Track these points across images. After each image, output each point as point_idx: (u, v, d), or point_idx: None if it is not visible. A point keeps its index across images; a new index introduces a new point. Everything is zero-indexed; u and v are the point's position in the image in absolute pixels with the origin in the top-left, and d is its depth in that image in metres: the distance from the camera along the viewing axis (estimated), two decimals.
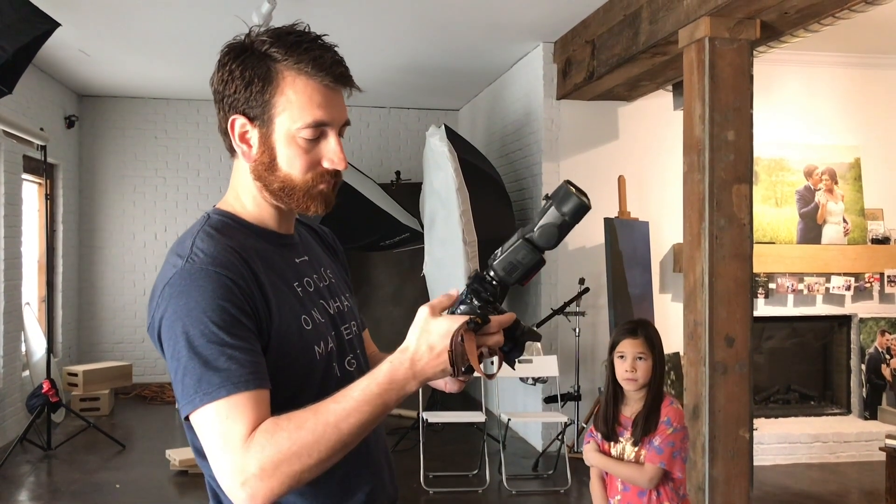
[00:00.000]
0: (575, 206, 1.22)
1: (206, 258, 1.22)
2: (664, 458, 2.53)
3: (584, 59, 5.34)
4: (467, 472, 5.17)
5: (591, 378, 5.82)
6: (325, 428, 1.12)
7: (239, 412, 1.13)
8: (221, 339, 1.15)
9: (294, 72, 1.26)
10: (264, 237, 1.34)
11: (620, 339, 2.65)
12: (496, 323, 1.18)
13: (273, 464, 1.10)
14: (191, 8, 5.19)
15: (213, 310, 1.17)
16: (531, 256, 1.23)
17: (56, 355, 7.05)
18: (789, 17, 3.79)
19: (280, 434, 1.11)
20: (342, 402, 1.14)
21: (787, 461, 5.57)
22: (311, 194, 1.29)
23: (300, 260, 1.39)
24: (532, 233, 1.23)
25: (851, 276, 5.93)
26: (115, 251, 8.09)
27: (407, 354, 1.16)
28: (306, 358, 1.28)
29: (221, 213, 1.35)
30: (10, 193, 6.04)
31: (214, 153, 8.19)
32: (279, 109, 1.26)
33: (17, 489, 5.04)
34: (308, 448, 1.11)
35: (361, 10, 5.15)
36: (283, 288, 1.29)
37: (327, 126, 1.28)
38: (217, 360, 1.15)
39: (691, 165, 3.95)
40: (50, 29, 3.43)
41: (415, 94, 7.81)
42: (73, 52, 6.22)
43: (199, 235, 1.27)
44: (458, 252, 5.43)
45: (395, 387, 1.15)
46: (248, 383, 1.14)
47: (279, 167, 1.28)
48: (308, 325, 1.30)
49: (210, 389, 1.14)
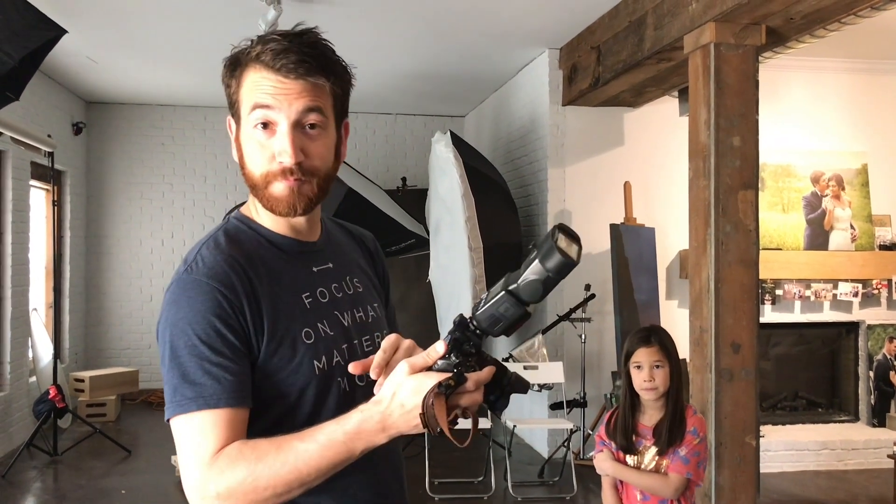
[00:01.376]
0: (558, 264, 1.13)
1: (204, 268, 1.22)
2: (690, 468, 2.48)
3: (590, 66, 5.34)
4: (473, 478, 5.15)
5: (596, 385, 5.81)
6: (283, 467, 1.12)
7: (208, 429, 1.15)
8: (202, 353, 1.17)
9: (252, 63, 1.25)
10: (277, 245, 1.32)
11: (635, 349, 2.58)
12: (473, 381, 1.13)
13: (229, 491, 1.12)
14: (197, 15, 5.21)
15: (199, 323, 1.18)
16: (514, 310, 1.15)
17: (63, 361, 7.07)
18: (795, 22, 3.78)
19: (240, 464, 1.12)
20: (306, 442, 1.13)
21: (795, 468, 5.53)
22: (272, 194, 1.26)
23: (319, 268, 1.35)
24: (516, 285, 1.15)
25: (859, 282, 5.90)
26: (122, 257, 8.12)
27: (379, 408, 1.12)
28: (302, 372, 1.25)
29: (240, 217, 1.35)
30: (17, 200, 6.07)
31: (221, 159, 8.21)
32: (241, 104, 1.26)
33: (23, 495, 5.04)
34: (263, 483, 1.11)
35: (367, 16, 5.16)
36: (286, 300, 1.27)
37: (271, 113, 1.23)
38: (194, 374, 1.16)
39: (697, 171, 3.94)
40: (57, 36, 3.45)
41: (421, 100, 7.82)
42: (80, 59, 6.25)
43: (208, 243, 1.28)
44: (464, 258, 5.42)
45: (362, 437, 1.12)
46: (221, 401, 1.15)
47: (245, 165, 1.28)
48: (309, 339, 1.27)
49: (183, 402, 1.16)
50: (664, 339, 2.61)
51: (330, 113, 1.28)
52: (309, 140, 1.25)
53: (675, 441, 2.50)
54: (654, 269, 5.86)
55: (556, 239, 1.14)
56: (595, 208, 5.91)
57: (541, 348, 5.46)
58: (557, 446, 5.49)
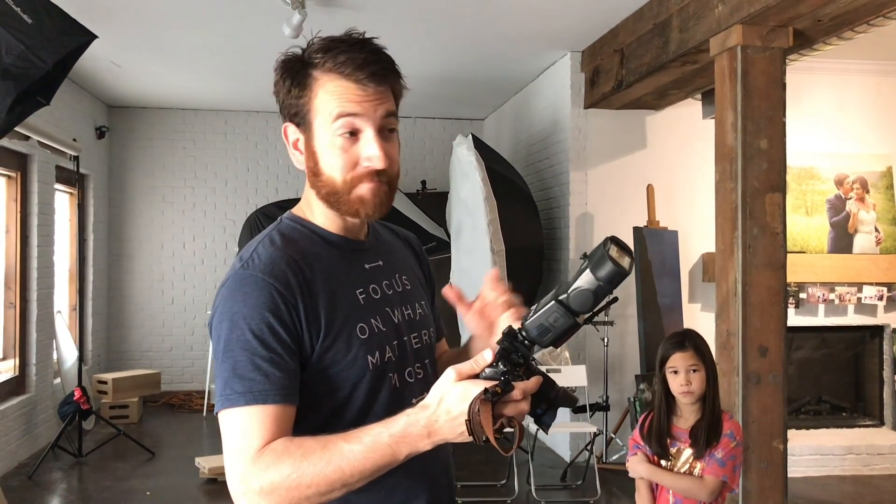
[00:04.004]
0: (610, 273, 1.13)
1: (260, 265, 1.25)
2: (726, 471, 2.49)
3: (613, 68, 5.33)
4: (495, 482, 5.15)
5: (619, 388, 5.79)
6: (328, 466, 1.13)
7: (255, 424, 1.17)
8: (254, 348, 1.19)
9: (327, 73, 1.28)
10: (332, 243, 1.35)
11: (670, 354, 2.59)
12: (520, 391, 1.12)
13: (272, 486, 1.14)
14: (221, 20, 5.24)
15: (253, 318, 1.20)
16: (564, 320, 1.15)
17: (86, 363, 7.12)
18: (823, 24, 3.76)
19: (285, 460, 1.14)
20: (352, 442, 1.14)
21: (820, 473, 5.49)
22: (355, 197, 1.28)
23: (371, 266, 1.38)
24: (566, 295, 1.15)
25: (884, 285, 5.85)
26: (143, 260, 8.17)
27: (425, 413, 1.13)
28: (356, 367, 1.27)
29: (293, 217, 1.37)
30: (43, 203, 6.13)
31: (242, 163, 8.25)
32: (315, 113, 1.28)
33: (49, 495, 5.09)
34: (307, 481, 1.13)
35: (388, 20, 5.18)
36: (342, 296, 1.30)
37: (358, 121, 1.26)
38: (244, 369, 1.18)
39: (723, 174, 3.93)
40: (88, 41, 3.47)
41: (440, 103, 7.83)
42: (104, 63, 6.30)
43: (264, 241, 1.31)
44: (486, 261, 5.42)
45: (407, 441, 1.13)
46: (269, 397, 1.18)
47: (322, 172, 1.30)
48: (364, 334, 1.29)
49: (232, 396, 1.18)
50: (699, 342, 2.61)
51: (397, 119, 1.34)
52: (389, 145, 1.30)
53: (711, 443, 2.50)
54: (677, 273, 5.84)
55: (609, 249, 1.14)
56: (617, 211, 5.89)
57: (563, 351, 5.45)
58: (580, 450, 5.48)
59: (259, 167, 8.29)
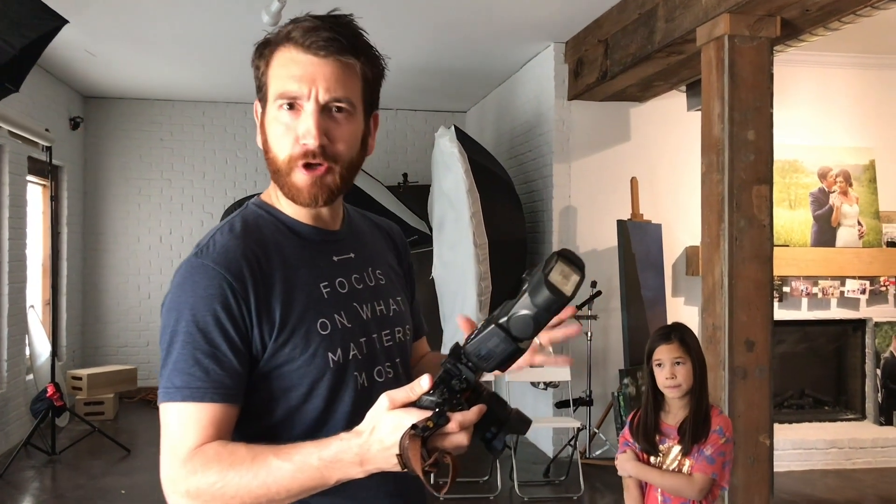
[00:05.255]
0: (547, 301, 1.03)
1: (214, 253, 1.20)
2: (716, 468, 2.43)
3: (597, 59, 5.27)
4: (478, 478, 5.09)
5: (603, 383, 5.74)
6: (254, 480, 1.08)
7: (190, 423, 1.13)
8: (197, 341, 1.15)
9: (283, 41, 1.22)
10: (297, 233, 1.28)
11: (655, 346, 2.53)
12: (456, 423, 1.03)
13: (198, 492, 1.11)
14: (197, 9, 5.13)
15: (200, 310, 1.16)
16: (504, 346, 1.05)
17: (60, 359, 6.98)
18: (811, 14, 3.72)
19: (213, 467, 1.10)
20: (281, 459, 1.08)
21: (803, 468, 5.48)
22: (291, 183, 1.22)
23: (340, 258, 1.31)
24: (507, 318, 1.05)
25: (866, 279, 5.85)
26: (119, 254, 8.02)
27: (357, 440, 1.06)
28: (315, 364, 1.21)
29: (259, 203, 1.31)
30: (14, 195, 5.98)
31: (220, 155, 8.12)
32: (269, 85, 1.23)
33: (21, 495, 4.96)
34: (231, 492, 1.09)
35: (369, 9, 5.08)
36: (302, 289, 1.23)
37: (296, 90, 1.19)
38: (185, 363, 1.15)
39: (710, 166, 3.88)
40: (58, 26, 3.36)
41: (422, 95, 7.74)
42: (78, 52, 6.16)
43: (223, 228, 1.25)
44: (468, 255, 5.35)
45: (337, 467, 1.07)
46: (206, 394, 1.14)
47: (270, 148, 1.23)
48: (325, 330, 1.22)
49: (171, 390, 1.15)
50: (685, 335, 2.55)
51: (359, 99, 1.24)
52: (335, 124, 1.21)
53: (699, 439, 2.44)
54: (661, 266, 5.80)
55: (549, 271, 1.04)
56: (601, 204, 5.84)
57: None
58: (563, 445, 5.43)
59: (238, 159, 8.16)
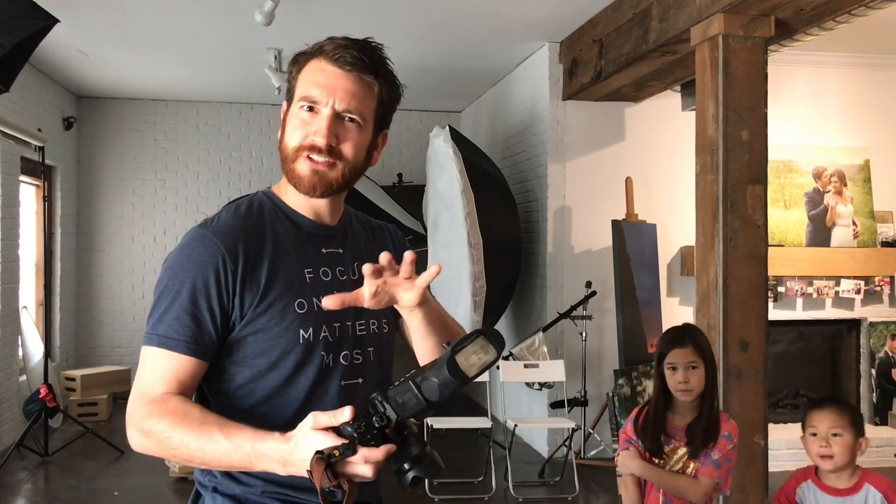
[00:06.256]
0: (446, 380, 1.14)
1: (215, 227, 1.38)
2: (722, 473, 2.42)
3: (591, 59, 5.26)
4: (473, 478, 5.07)
5: (597, 383, 5.73)
6: (194, 442, 1.26)
7: (163, 369, 1.32)
8: (183, 300, 1.32)
9: (315, 55, 1.41)
10: (295, 222, 1.44)
11: (668, 350, 2.50)
12: (362, 457, 1.15)
13: (149, 432, 1.29)
14: (191, 8, 5.10)
15: (191, 272, 1.33)
16: (416, 402, 1.16)
17: (53, 360, 6.95)
18: (805, 13, 3.71)
19: (167, 418, 1.27)
20: (223, 432, 1.25)
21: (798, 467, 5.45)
22: (295, 171, 1.38)
23: (329, 251, 1.46)
24: (421, 377, 1.16)
25: (861, 279, 5.85)
26: (113, 254, 7.99)
27: (285, 446, 1.21)
28: (286, 337, 1.36)
29: (268, 192, 1.48)
30: (7, 195, 5.95)
31: (214, 155, 8.10)
32: (296, 88, 1.41)
33: (13, 496, 4.94)
34: (174, 444, 1.27)
35: (363, 9, 5.07)
36: (287, 270, 1.39)
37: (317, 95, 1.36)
38: (169, 316, 1.32)
39: (704, 166, 3.87)
40: (48, 25, 3.34)
41: (416, 95, 7.72)
42: (71, 52, 6.13)
43: (230, 207, 1.45)
44: (463, 255, 5.34)
45: (264, 461, 1.23)
46: (180, 346, 1.32)
47: (283, 138, 1.41)
48: (302, 309, 1.38)
49: (153, 336, 1.33)
50: (698, 338, 2.53)
51: (371, 115, 1.41)
52: (344, 130, 1.38)
53: (708, 443, 2.42)
54: (656, 266, 5.79)
55: (459, 350, 1.14)
56: (596, 204, 5.83)
57: (541, 346, 5.38)
58: (558, 446, 5.42)
59: (232, 159, 8.14)
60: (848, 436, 2.32)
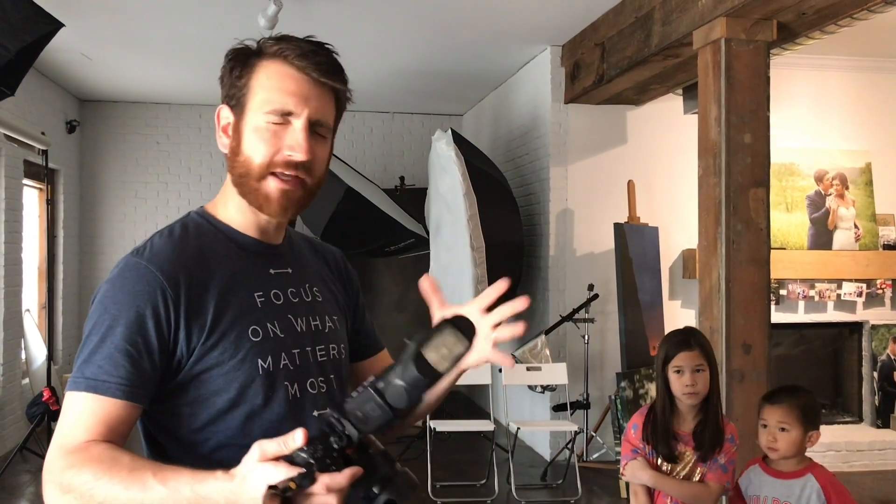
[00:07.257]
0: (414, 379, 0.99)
1: (149, 254, 1.24)
2: (728, 476, 2.43)
3: (594, 63, 5.27)
4: (475, 481, 5.08)
5: (600, 386, 5.74)
6: (124, 492, 1.08)
7: (88, 415, 1.14)
8: (114, 337, 1.16)
9: (271, 57, 1.26)
10: (237, 242, 1.31)
11: (675, 353, 2.48)
12: (323, 486, 0.99)
13: (70, 486, 1.10)
14: (194, 12, 5.12)
15: (124, 307, 1.18)
16: (379, 413, 1.01)
17: (56, 363, 6.96)
18: (807, 17, 3.72)
19: (90, 467, 1.10)
20: (157, 478, 1.07)
21: None
22: (263, 190, 1.24)
23: (277, 271, 1.33)
24: (383, 382, 1.01)
25: (863, 282, 5.86)
26: (115, 257, 7.95)
27: (229, 485, 1.03)
28: (244, 370, 1.23)
29: (201, 213, 1.34)
30: (10, 198, 5.96)
31: (217, 158, 8.11)
32: (252, 95, 1.25)
33: (16, 499, 4.94)
34: (99, 498, 1.09)
35: (365, 13, 5.08)
36: (236, 295, 1.26)
37: (291, 105, 1.23)
38: (99, 356, 1.16)
39: (707, 169, 3.88)
40: (54, 29, 3.36)
41: (419, 98, 7.74)
42: (75, 56, 6.15)
43: (163, 231, 1.30)
44: (465, 258, 5.35)
45: (208, 503, 1.05)
46: (109, 389, 1.15)
47: (242, 151, 1.26)
48: (256, 337, 1.25)
49: (79, 380, 1.16)
50: (703, 341, 2.54)
51: (332, 125, 1.31)
52: (316, 143, 1.27)
53: (715, 447, 2.43)
54: (658, 269, 5.80)
55: (427, 344, 1.01)
56: (598, 207, 5.84)
57: (543, 349, 5.39)
58: (560, 448, 5.43)
59: None
60: (795, 431, 2.35)
